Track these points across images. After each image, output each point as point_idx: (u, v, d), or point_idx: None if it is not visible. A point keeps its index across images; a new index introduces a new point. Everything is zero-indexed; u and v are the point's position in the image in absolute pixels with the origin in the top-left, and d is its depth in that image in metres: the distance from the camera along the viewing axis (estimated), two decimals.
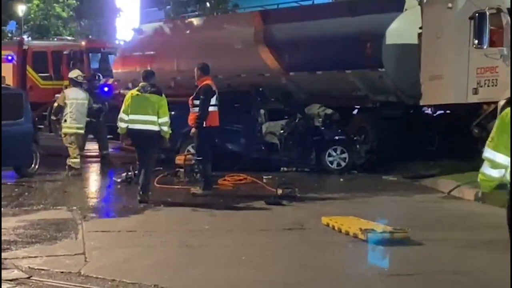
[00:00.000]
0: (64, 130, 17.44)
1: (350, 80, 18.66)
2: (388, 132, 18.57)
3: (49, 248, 9.19)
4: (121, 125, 13.49)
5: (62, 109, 17.58)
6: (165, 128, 13.38)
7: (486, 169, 6.08)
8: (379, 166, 18.31)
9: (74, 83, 18.29)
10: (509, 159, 5.87)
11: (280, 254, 9.17)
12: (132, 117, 13.34)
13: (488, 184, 6.17)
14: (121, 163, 18.86)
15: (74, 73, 18.70)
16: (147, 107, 13.31)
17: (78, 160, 17.28)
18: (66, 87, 25.68)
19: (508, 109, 5.96)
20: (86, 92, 17.99)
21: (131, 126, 13.38)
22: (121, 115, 13.45)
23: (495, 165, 5.99)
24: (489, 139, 6.07)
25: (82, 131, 17.67)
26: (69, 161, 17.09)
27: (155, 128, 13.31)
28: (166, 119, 13.35)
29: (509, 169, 5.92)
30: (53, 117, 17.58)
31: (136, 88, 13.77)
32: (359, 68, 18.46)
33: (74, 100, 17.74)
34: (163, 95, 13.63)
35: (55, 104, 17.90)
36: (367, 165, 18.43)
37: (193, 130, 14.11)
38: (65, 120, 17.48)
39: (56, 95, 18.26)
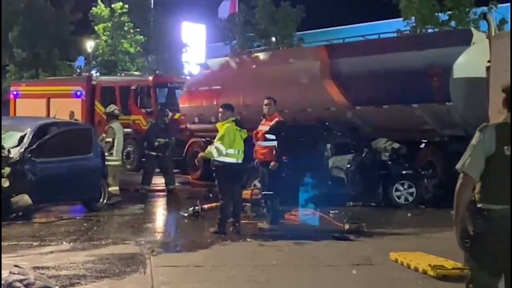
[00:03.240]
0: (111, 163, 17.81)
1: (417, 114, 18.50)
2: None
3: (118, 283, 9.25)
4: (215, 155, 13.73)
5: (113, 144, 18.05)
6: None
7: None
8: (447, 200, 18.02)
9: (111, 117, 18.66)
10: None
11: None
12: (229, 151, 13.66)
13: None
14: (187, 198, 19.01)
15: (111, 108, 19.07)
16: (241, 141, 13.81)
17: (117, 188, 18.04)
18: (135, 122, 26.26)
19: None
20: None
21: (228, 160, 13.69)
22: (219, 146, 13.62)
23: None
24: None
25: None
26: (111, 190, 17.47)
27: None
28: None
29: None
30: (106, 153, 17.84)
31: (230, 121, 13.93)
32: (427, 102, 18.29)
33: (119, 134, 18.14)
34: None
35: (108, 140, 18.17)
36: (435, 200, 18.22)
37: (273, 163, 14.27)
38: (112, 154, 17.87)
39: (103, 135, 18.52)
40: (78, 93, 31.68)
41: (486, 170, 5.87)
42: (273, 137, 14.49)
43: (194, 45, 56.18)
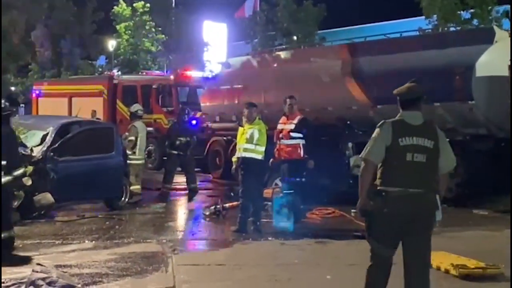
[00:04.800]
0: (134, 162, 17.89)
1: (439, 113, 18.39)
2: (479, 165, 18.19)
3: (140, 282, 9.28)
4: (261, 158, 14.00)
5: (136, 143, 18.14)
6: None
7: None
8: (469, 199, 18.00)
9: (135, 117, 18.77)
10: None
11: None
12: (263, 149, 14.05)
13: None
14: (209, 196, 19.05)
15: (135, 107, 19.15)
16: None
17: (139, 186, 18.16)
18: (156, 121, 26.31)
19: None
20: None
21: (260, 157, 13.95)
22: (261, 149, 13.97)
23: None
24: None
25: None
26: (133, 189, 17.52)
27: None
28: None
29: None
30: (129, 152, 17.91)
31: (258, 119, 14.22)
32: (448, 101, 18.18)
33: (142, 133, 18.23)
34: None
35: (131, 138, 18.25)
36: (457, 199, 18.12)
37: (311, 162, 14.43)
38: (134, 153, 17.97)
39: (126, 134, 18.62)
40: (100, 92, 31.77)
41: (384, 159, 6.97)
42: (299, 135, 14.54)
43: (216, 44, 56.23)
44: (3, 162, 10.93)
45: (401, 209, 6.90)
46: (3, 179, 10.89)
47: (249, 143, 13.81)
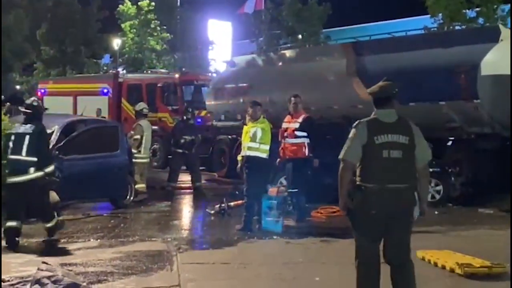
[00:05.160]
0: (139, 161, 17.90)
1: (444, 111, 18.38)
2: (484, 164, 18.19)
3: (145, 280, 9.29)
4: (265, 156, 14.04)
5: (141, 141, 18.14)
6: None
7: None
8: (474, 198, 17.99)
9: (140, 115, 18.77)
10: None
11: None
12: (267, 147, 14.08)
13: None
14: (214, 195, 19.05)
15: (140, 106, 19.17)
16: None
17: (144, 185, 18.14)
18: (161, 119, 26.31)
19: None
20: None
21: (265, 155, 13.99)
22: (265, 147, 13.98)
23: None
24: None
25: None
26: (138, 187, 17.53)
27: None
28: None
29: None
30: (134, 150, 17.92)
31: (263, 118, 14.28)
32: (453, 100, 18.16)
33: (148, 132, 18.24)
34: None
35: (136, 137, 18.25)
36: (462, 198, 18.13)
37: (316, 160, 14.47)
38: (139, 151, 17.97)
39: (131, 132, 18.63)
40: (105, 90, 31.81)
41: (362, 157, 7.25)
42: (304, 133, 14.55)
43: (220, 43, 56.27)
44: (35, 159, 11.71)
45: (380, 204, 7.16)
46: (35, 174, 11.78)
47: (253, 141, 13.83)
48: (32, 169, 11.75)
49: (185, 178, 20.47)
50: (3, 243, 11.43)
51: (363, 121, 7.35)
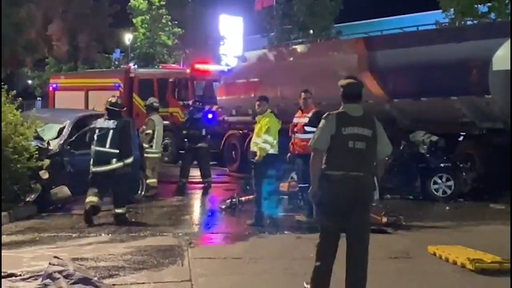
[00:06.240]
0: (150, 155, 17.88)
1: (456, 106, 18.37)
2: (496, 159, 18.15)
3: (156, 275, 9.30)
4: (268, 149, 13.98)
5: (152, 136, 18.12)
6: None
7: None
8: (486, 194, 17.97)
9: (151, 109, 18.72)
10: None
11: (387, 283, 9.07)
12: (275, 141, 14.16)
13: None
14: (225, 190, 19.06)
15: (150, 100, 19.14)
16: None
17: (156, 180, 18.14)
18: (172, 114, 26.31)
19: None
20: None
21: (273, 150, 14.00)
22: (269, 138, 13.97)
23: None
24: None
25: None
26: (150, 182, 17.53)
27: None
28: None
29: None
30: (146, 145, 17.89)
31: (269, 113, 14.31)
32: (465, 95, 18.14)
33: (159, 126, 18.22)
34: None
35: (148, 131, 18.21)
36: (473, 193, 18.11)
37: None
38: (151, 146, 17.94)
39: (143, 127, 18.60)
40: (117, 85, 31.81)
41: (329, 146, 7.70)
42: (313, 129, 14.47)
43: (232, 38, 56.23)
44: (116, 151, 13.65)
45: (343, 190, 7.66)
46: (116, 165, 13.61)
47: (259, 136, 13.86)
48: (114, 160, 13.60)
49: (196, 174, 20.48)
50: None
51: (333, 113, 7.87)
